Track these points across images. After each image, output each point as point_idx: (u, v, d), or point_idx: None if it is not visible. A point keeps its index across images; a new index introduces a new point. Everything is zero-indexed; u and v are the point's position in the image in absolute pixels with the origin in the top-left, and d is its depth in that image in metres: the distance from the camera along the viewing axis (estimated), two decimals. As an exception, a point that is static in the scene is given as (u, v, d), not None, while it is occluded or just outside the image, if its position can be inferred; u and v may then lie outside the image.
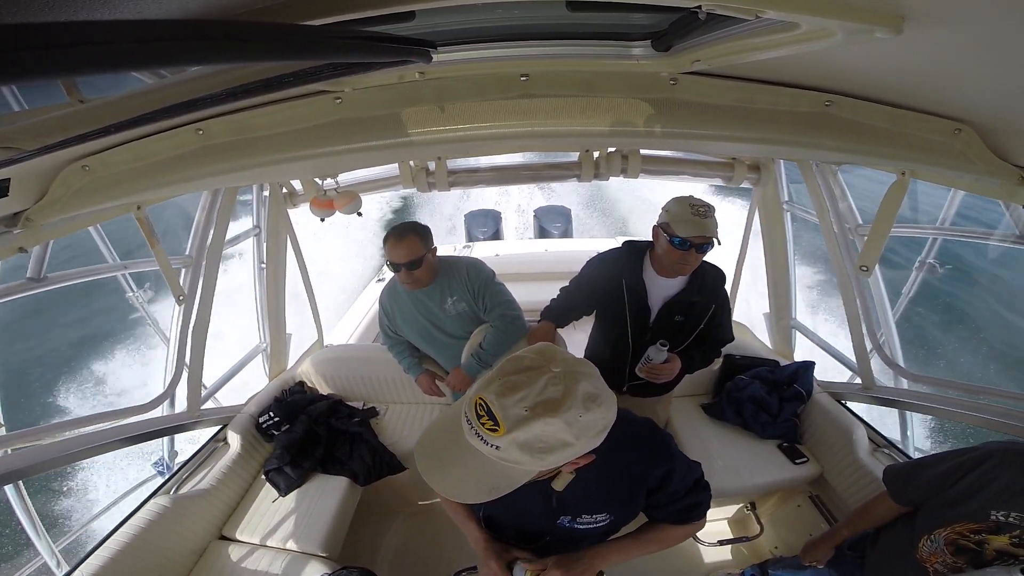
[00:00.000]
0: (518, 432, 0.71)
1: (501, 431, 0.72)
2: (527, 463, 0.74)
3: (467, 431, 0.77)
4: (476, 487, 0.79)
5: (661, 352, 1.75)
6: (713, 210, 1.66)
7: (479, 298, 2.09)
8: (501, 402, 0.72)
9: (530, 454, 0.72)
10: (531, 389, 0.73)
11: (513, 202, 9.56)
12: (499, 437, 0.72)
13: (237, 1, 0.64)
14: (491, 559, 1.06)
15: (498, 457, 0.74)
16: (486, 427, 0.73)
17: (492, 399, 0.73)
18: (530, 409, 0.72)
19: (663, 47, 1.13)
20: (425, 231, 1.99)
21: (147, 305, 2.44)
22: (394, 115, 1.25)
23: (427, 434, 0.87)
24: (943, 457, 1.30)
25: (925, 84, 1.00)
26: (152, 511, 1.81)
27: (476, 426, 0.74)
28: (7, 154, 0.84)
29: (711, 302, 1.84)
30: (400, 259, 1.91)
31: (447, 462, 0.81)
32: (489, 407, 0.73)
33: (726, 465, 2.18)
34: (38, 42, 0.25)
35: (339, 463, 2.27)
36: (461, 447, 0.78)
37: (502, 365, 0.78)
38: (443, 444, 0.82)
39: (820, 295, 7.29)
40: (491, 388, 0.75)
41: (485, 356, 2.08)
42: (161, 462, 2.56)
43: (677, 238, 1.65)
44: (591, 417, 0.74)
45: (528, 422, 0.71)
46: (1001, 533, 1.14)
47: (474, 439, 0.75)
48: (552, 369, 0.76)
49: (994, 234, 1.95)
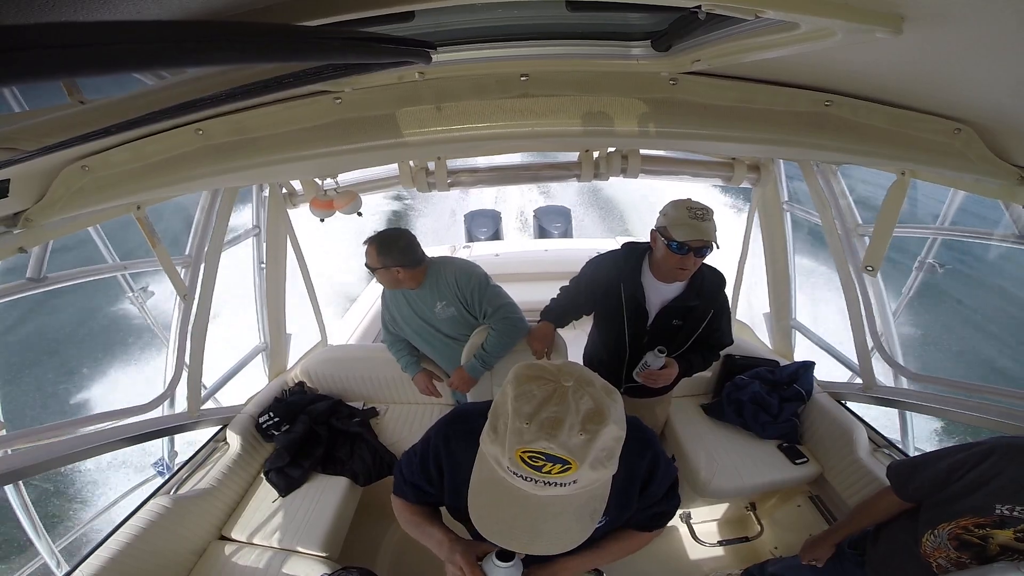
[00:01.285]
0: (588, 457, 0.70)
1: (575, 467, 0.69)
2: (602, 475, 0.73)
3: (533, 488, 0.71)
4: (579, 525, 0.76)
5: (659, 358, 1.74)
6: (711, 213, 1.64)
7: (473, 305, 2.09)
8: (559, 442, 0.69)
9: (602, 467, 0.72)
10: (570, 413, 0.71)
11: (513, 203, 9.56)
12: (574, 473, 0.70)
13: (237, 1, 0.64)
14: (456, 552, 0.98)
15: (578, 489, 0.72)
16: (555, 472, 0.69)
17: (546, 445, 0.69)
18: (584, 431, 0.70)
19: (663, 47, 1.13)
20: (388, 246, 2.01)
21: (147, 305, 2.44)
22: (394, 115, 1.25)
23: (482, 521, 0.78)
24: (947, 452, 1.30)
25: (925, 84, 1.00)
26: (152, 511, 1.81)
27: (542, 477, 0.70)
28: (7, 155, 0.84)
29: (710, 307, 1.83)
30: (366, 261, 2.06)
31: (533, 529, 0.75)
32: (548, 454, 0.69)
33: (726, 465, 2.18)
34: (38, 43, 0.25)
35: (339, 463, 2.27)
36: (535, 507, 0.73)
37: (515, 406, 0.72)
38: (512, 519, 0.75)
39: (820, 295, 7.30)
40: (529, 436, 0.69)
41: (487, 357, 2.08)
42: (161, 462, 2.56)
43: (675, 242, 1.62)
44: (619, 405, 0.75)
45: (591, 443, 0.70)
46: (1006, 527, 1.14)
47: (549, 490, 0.71)
48: (564, 383, 0.74)
49: (994, 234, 1.95)
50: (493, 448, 0.74)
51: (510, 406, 0.73)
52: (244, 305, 2.88)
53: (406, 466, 1.13)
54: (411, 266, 2.03)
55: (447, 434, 1.06)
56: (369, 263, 2.05)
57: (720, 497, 2.26)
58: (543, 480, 0.70)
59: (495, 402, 0.79)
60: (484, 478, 0.79)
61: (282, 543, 1.94)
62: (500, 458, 0.73)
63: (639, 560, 2.45)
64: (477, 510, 0.79)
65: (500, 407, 0.76)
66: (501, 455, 0.72)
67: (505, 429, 0.72)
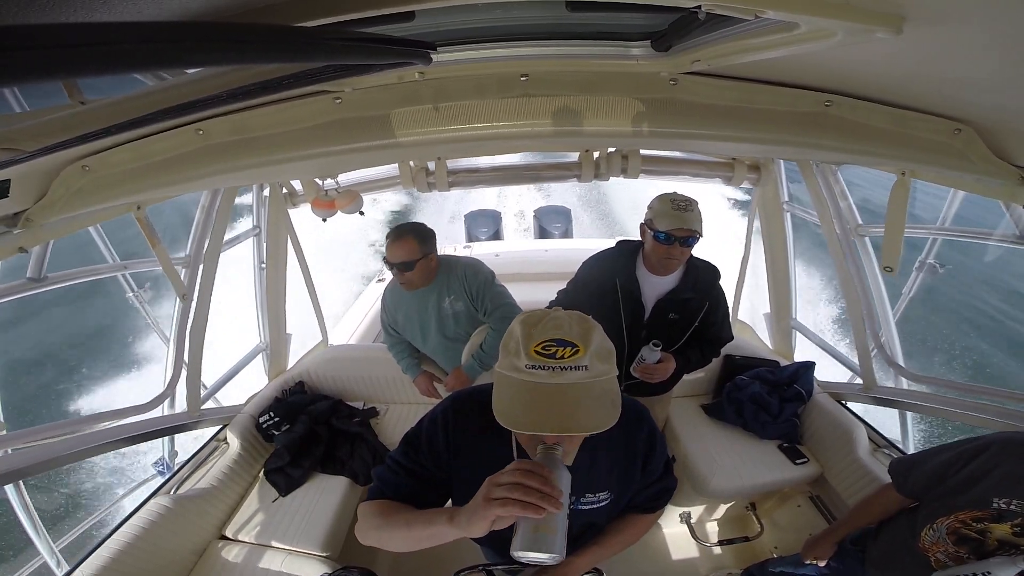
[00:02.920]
0: (591, 344, 0.77)
1: (582, 349, 0.76)
2: (607, 369, 0.79)
3: (551, 376, 0.76)
4: (603, 409, 0.77)
5: (654, 352, 1.75)
6: (695, 204, 1.68)
7: (478, 300, 2.09)
8: (564, 332, 0.78)
9: (606, 360, 0.79)
10: (565, 320, 0.80)
11: (513, 203, 9.56)
12: (583, 356, 0.76)
13: (237, 2, 0.64)
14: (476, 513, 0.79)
15: (591, 377, 0.77)
16: (568, 356, 0.76)
17: (555, 333, 0.77)
18: (580, 327, 0.79)
19: (663, 47, 1.13)
20: (426, 235, 2.00)
21: (147, 305, 2.44)
22: (394, 115, 1.25)
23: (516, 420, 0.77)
24: (946, 447, 1.30)
25: (925, 84, 1.00)
26: (152, 511, 1.80)
27: (557, 363, 0.76)
28: (8, 155, 0.84)
29: (705, 299, 1.85)
30: (393, 259, 1.94)
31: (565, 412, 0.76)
32: (558, 338, 0.77)
33: (726, 465, 2.18)
34: (39, 43, 0.25)
35: (339, 463, 2.27)
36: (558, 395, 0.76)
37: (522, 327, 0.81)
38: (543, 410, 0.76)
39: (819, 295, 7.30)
40: (540, 333, 0.78)
41: (485, 358, 2.08)
42: (161, 462, 2.56)
43: (661, 233, 1.67)
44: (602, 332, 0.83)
45: (589, 334, 0.79)
46: (1003, 521, 1.14)
47: (565, 375, 0.76)
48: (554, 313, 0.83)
49: (994, 234, 1.95)
50: (508, 359, 0.81)
51: (518, 326, 0.82)
52: (245, 305, 2.88)
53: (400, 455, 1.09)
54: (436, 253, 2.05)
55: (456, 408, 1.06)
56: (407, 257, 1.92)
57: (720, 497, 2.26)
58: (559, 366, 0.76)
59: (503, 340, 0.85)
60: (503, 391, 0.82)
61: (282, 543, 1.94)
62: (516, 362, 0.78)
63: (639, 560, 2.46)
64: (503, 413, 0.79)
65: (508, 337, 0.84)
66: (517, 359, 0.78)
67: (516, 344, 0.80)
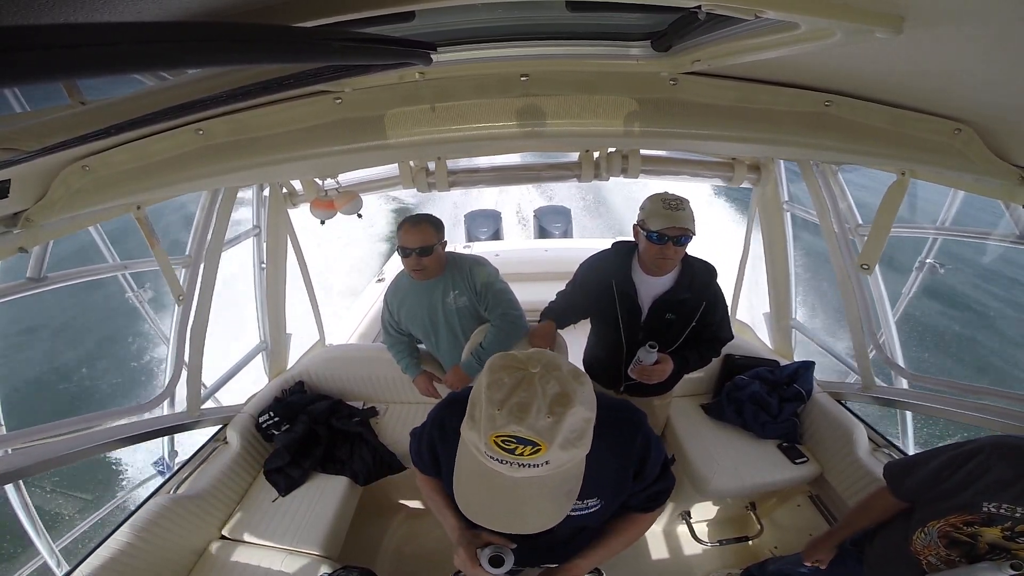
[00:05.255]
0: (556, 438, 0.73)
1: (544, 448, 0.72)
2: (574, 455, 0.77)
3: (508, 470, 0.75)
4: (555, 504, 0.80)
5: (651, 354, 1.75)
6: (687, 203, 1.68)
7: (481, 296, 2.10)
8: (527, 425, 0.72)
9: (573, 447, 0.75)
10: (537, 398, 0.74)
11: (513, 203, 9.56)
12: (544, 454, 0.73)
13: (237, 2, 0.64)
14: (460, 544, 1.03)
15: (551, 470, 0.75)
16: (527, 455, 0.73)
17: (516, 429, 0.72)
18: (551, 414, 0.73)
19: (663, 47, 1.13)
20: (439, 223, 2.05)
21: (147, 305, 2.44)
22: (394, 115, 1.25)
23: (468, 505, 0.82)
24: (940, 451, 1.31)
25: (925, 84, 1.00)
26: (152, 511, 1.80)
27: (515, 459, 0.73)
28: (8, 155, 0.84)
29: (701, 298, 1.84)
30: (413, 244, 1.97)
31: (512, 509, 0.79)
32: (518, 436, 0.72)
33: (726, 465, 2.18)
34: (39, 44, 0.25)
35: (339, 463, 2.27)
36: (510, 488, 0.77)
37: (487, 394, 0.76)
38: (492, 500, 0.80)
39: (819, 295, 7.30)
40: (501, 422, 0.73)
41: (484, 356, 2.08)
42: (161, 462, 2.56)
43: (653, 233, 1.67)
44: (587, 388, 0.79)
45: (558, 424, 0.73)
46: (993, 525, 1.15)
47: (523, 471, 0.74)
48: (532, 370, 0.78)
49: (994, 234, 1.95)
50: (471, 434, 0.78)
51: (483, 395, 0.76)
52: (244, 305, 2.89)
53: (415, 446, 1.17)
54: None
55: (442, 419, 1.08)
56: (426, 242, 1.96)
57: (720, 497, 2.26)
58: (516, 462, 0.74)
59: (472, 392, 0.82)
60: (466, 464, 0.82)
61: (282, 543, 1.94)
62: (478, 443, 0.76)
63: (639, 560, 2.46)
64: (462, 495, 0.83)
65: (476, 397, 0.79)
66: (478, 441, 0.76)
67: (480, 416, 0.76)
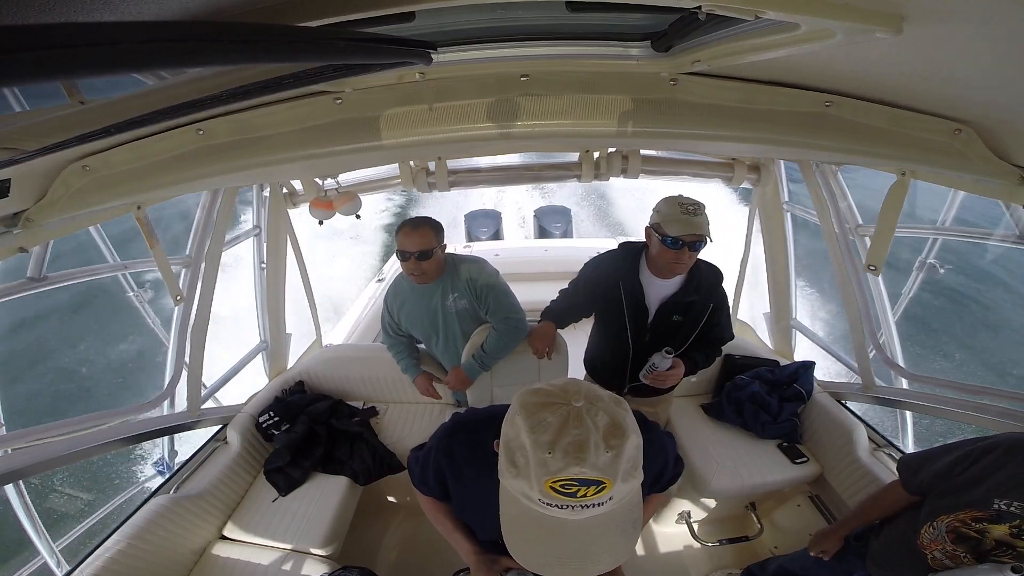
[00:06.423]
0: (619, 472, 0.69)
1: (609, 485, 0.68)
2: (634, 485, 0.73)
3: (571, 514, 0.69)
4: (624, 538, 0.75)
5: (666, 359, 1.74)
6: (703, 207, 1.66)
7: (482, 299, 2.10)
8: (589, 464, 0.66)
9: (632, 478, 0.71)
10: (592, 433, 0.69)
11: (513, 203, 9.56)
12: (609, 491, 0.68)
13: (238, 2, 0.64)
14: (479, 572, 1.01)
15: (615, 505, 0.71)
16: (591, 495, 0.68)
17: (578, 471, 0.66)
18: (608, 447, 0.68)
19: (663, 48, 1.13)
20: (438, 226, 2.03)
21: (147, 304, 2.44)
22: (394, 115, 1.25)
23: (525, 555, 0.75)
24: (954, 446, 1.31)
25: (925, 84, 1.00)
26: (152, 511, 1.80)
27: (578, 502, 0.68)
28: (8, 155, 0.84)
29: (709, 301, 1.84)
30: (412, 248, 1.94)
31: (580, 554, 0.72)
32: (581, 479, 0.67)
33: (726, 465, 2.18)
34: (38, 43, 0.25)
35: (339, 463, 2.27)
36: (576, 531, 0.71)
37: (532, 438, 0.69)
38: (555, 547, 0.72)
39: (819, 296, 7.30)
40: (557, 465, 0.67)
41: (486, 358, 2.09)
42: (161, 462, 2.56)
43: (669, 238, 1.65)
44: (630, 413, 0.74)
45: (617, 458, 0.68)
46: (1002, 522, 1.15)
47: (587, 512, 0.69)
48: (575, 404, 0.72)
49: (994, 234, 1.95)
50: (517, 483, 0.71)
51: (527, 438, 0.70)
52: (244, 305, 2.89)
53: (418, 470, 1.12)
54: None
55: (449, 447, 1.03)
56: (426, 245, 1.93)
57: (720, 497, 2.26)
58: (580, 504, 0.68)
59: (505, 433, 0.76)
60: (515, 514, 0.75)
61: (282, 543, 1.94)
62: (529, 492, 0.70)
63: (639, 560, 2.46)
64: (517, 548, 0.75)
65: (513, 440, 0.73)
66: (529, 489, 0.69)
67: (526, 462, 0.70)
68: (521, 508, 0.73)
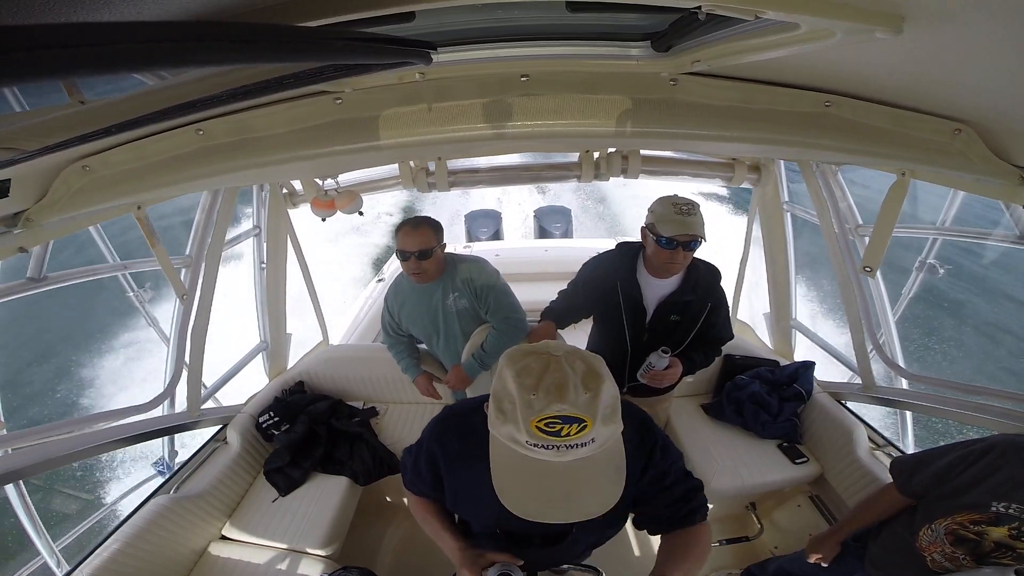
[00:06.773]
0: (598, 412, 0.73)
1: (589, 423, 0.72)
2: (613, 431, 0.76)
3: (556, 455, 0.73)
4: (610, 482, 0.78)
5: (663, 358, 1.75)
6: (697, 207, 1.67)
7: (482, 299, 2.10)
8: (569, 402, 0.71)
9: (612, 422, 0.75)
10: (570, 376, 0.74)
11: (513, 203, 9.57)
12: (590, 430, 0.72)
13: (238, 2, 0.64)
14: (464, 567, 1.00)
15: (597, 447, 0.74)
16: (574, 434, 0.71)
17: (559, 408, 0.71)
18: (587, 389, 0.73)
19: (663, 48, 1.13)
20: (438, 225, 2.03)
21: (147, 305, 2.44)
22: (394, 115, 1.25)
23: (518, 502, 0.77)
24: (949, 449, 1.31)
25: (925, 84, 1.00)
26: (152, 511, 1.80)
27: (562, 441, 0.72)
28: (8, 155, 0.84)
29: (707, 300, 1.85)
30: (412, 247, 1.94)
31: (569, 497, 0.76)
32: (563, 415, 0.71)
33: (726, 465, 2.18)
34: (38, 43, 0.25)
35: (339, 463, 2.27)
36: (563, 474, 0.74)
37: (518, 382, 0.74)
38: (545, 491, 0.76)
39: (820, 296, 7.30)
40: (540, 404, 0.72)
41: (486, 358, 2.08)
42: (161, 462, 2.56)
43: (663, 238, 1.66)
44: (606, 367, 0.79)
45: (596, 399, 0.73)
46: (1000, 524, 1.15)
47: (572, 453, 0.72)
48: (554, 354, 0.78)
49: (994, 234, 1.95)
50: (506, 428, 0.75)
51: (512, 384, 0.75)
52: (244, 305, 2.88)
53: (410, 464, 1.14)
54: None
55: (441, 434, 1.05)
56: (426, 245, 1.94)
57: (720, 497, 2.26)
58: (564, 444, 0.72)
59: (494, 388, 0.80)
60: (504, 463, 0.79)
61: (282, 543, 1.94)
62: (517, 435, 0.74)
63: (639, 559, 2.46)
64: (509, 494, 0.78)
65: (501, 391, 0.78)
66: (517, 431, 0.73)
67: (513, 407, 0.74)
68: (510, 456, 0.77)
